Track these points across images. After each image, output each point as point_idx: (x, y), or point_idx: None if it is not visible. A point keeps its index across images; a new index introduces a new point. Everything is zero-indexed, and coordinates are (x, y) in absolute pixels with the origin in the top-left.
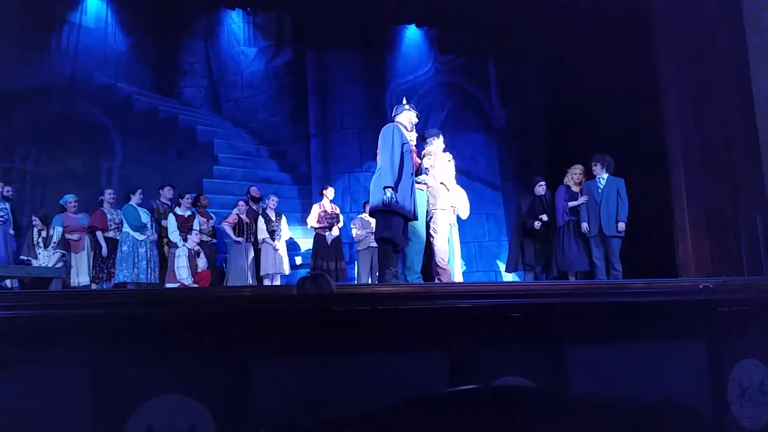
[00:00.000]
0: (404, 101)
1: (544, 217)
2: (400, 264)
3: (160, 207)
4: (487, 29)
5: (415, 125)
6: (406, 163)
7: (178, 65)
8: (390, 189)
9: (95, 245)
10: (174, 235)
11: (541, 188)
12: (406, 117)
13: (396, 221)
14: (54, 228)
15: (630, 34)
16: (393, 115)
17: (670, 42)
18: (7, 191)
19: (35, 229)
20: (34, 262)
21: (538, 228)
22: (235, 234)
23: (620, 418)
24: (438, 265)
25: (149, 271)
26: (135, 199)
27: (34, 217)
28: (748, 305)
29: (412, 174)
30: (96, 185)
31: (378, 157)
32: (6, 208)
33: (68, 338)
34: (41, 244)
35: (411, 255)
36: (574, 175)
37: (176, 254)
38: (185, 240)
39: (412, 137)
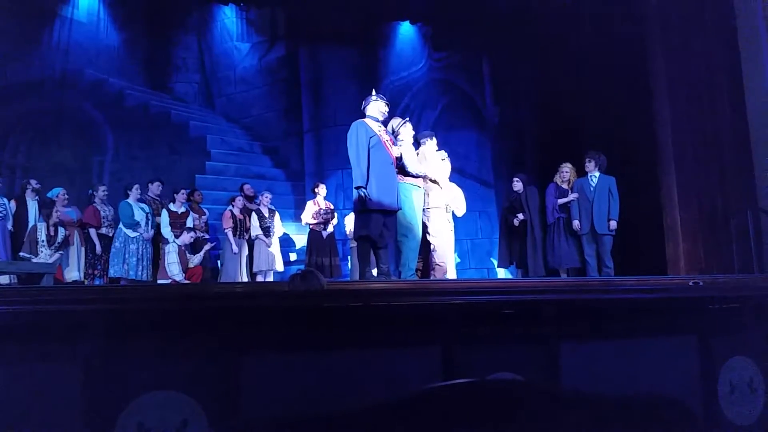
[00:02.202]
0: (373, 92)
1: (521, 216)
2: (393, 261)
3: (152, 202)
4: (482, 27)
5: (387, 113)
6: (377, 156)
7: (170, 60)
8: (362, 188)
9: (87, 241)
10: (166, 230)
11: (517, 184)
12: (375, 108)
13: (374, 219)
14: (59, 228)
15: (624, 33)
16: (362, 108)
17: (662, 41)
18: (37, 184)
19: (39, 226)
20: (35, 260)
21: (517, 224)
22: (232, 233)
23: (612, 413)
24: (435, 262)
25: (140, 268)
26: (132, 195)
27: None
28: (739, 302)
29: (391, 164)
30: (87, 180)
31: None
32: (4, 204)
33: (59, 334)
34: (45, 243)
35: (407, 252)
36: (563, 173)
37: (167, 250)
38: (176, 236)
39: (400, 126)
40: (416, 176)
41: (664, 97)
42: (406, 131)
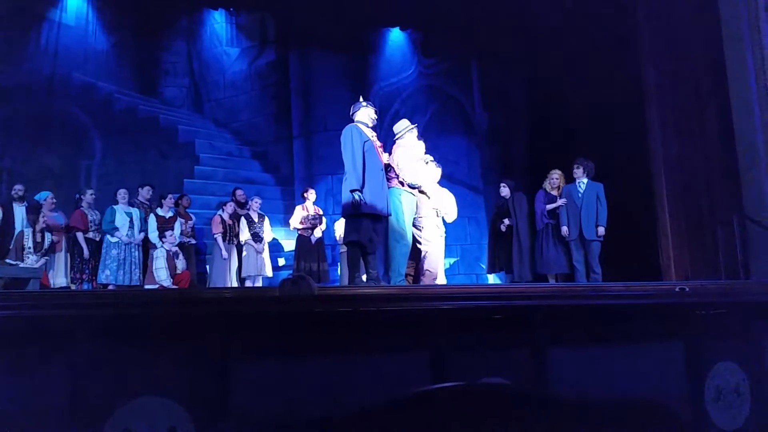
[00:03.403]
0: (361, 99)
1: (507, 221)
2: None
3: (141, 206)
4: (471, 33)
5: (375, 119)
6: (370, 161)
7: (159, 64)
8: (357, 192)
9: (74, 245)
10: (153, 235)
11: (504, 190)
12: (365, 114)
13: (365, 224)
14: (46, 234)
15: (613, 40)
16: (351, 114)
17: (651, 49)
18: (21, 191)
19: (26, 232)
20: (21, 266)
21: (503, 230)
22: (222, 238)
23: (600, 418)
24: (425, 268)
25: (121, 273)
26: (120, 199)
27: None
28: (725, 308)
29: (381, 170)
30: (75, 184)
31: (343, 160)
32: None
33: (44, 340)
34: (32, 249)
35: (397, 257)
36: (552, 180)
37: (155, 255)
38: (162, 242)
39: (406, 130)
40: (411, 186)
41: (653, 104)
42: (411, 137)
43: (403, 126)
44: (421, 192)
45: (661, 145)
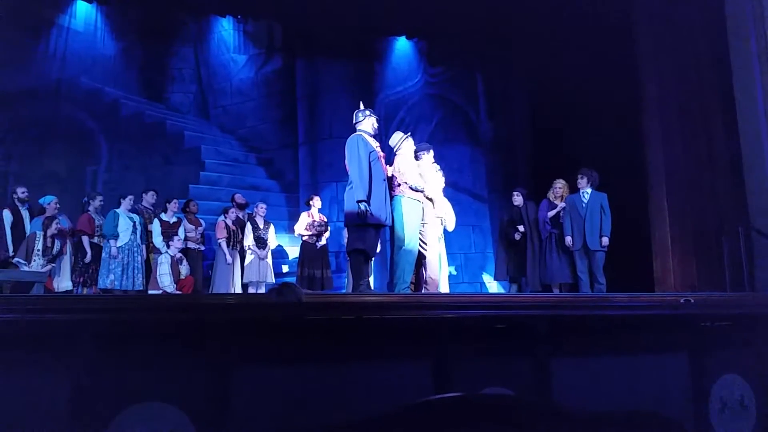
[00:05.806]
0: (361, 106)
1: (521, 228)
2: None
3: (144, 212)
4: (477, 43)
5: (377, 129)
6: (375, 171)
7: (166, 71)
8: (363, 203)
9: (78, 249)
10: (158, 240)
11: (518, 198)
12: (368, 123)
13: (370, 233)
14: (56, 241)
15: (616, 50)
16: (354, 122)
17: (654, 59)
18: (23, 193)
19: (37, 234)
20: (26, 268)
21: (518, 238)
22: (226, 244)
23: (603, 429)
24: (428, 276)
25: (125, 277)
26: (124, 205)
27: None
28: (730, 320)
29: (384, 180)
30: (80, 189)
31: (348, 169)
32: None
33: (47, 344)
34: (40, 252)
35: (403, 265)
36: (555, 189)
37: (159, 261)
38: (168, 246)
39: (402, 140)
40: (416, 190)
41: (656, 114)
42: (408, 146)
43: (398, 138)
44: (429, 199)
45: (662, 155)
